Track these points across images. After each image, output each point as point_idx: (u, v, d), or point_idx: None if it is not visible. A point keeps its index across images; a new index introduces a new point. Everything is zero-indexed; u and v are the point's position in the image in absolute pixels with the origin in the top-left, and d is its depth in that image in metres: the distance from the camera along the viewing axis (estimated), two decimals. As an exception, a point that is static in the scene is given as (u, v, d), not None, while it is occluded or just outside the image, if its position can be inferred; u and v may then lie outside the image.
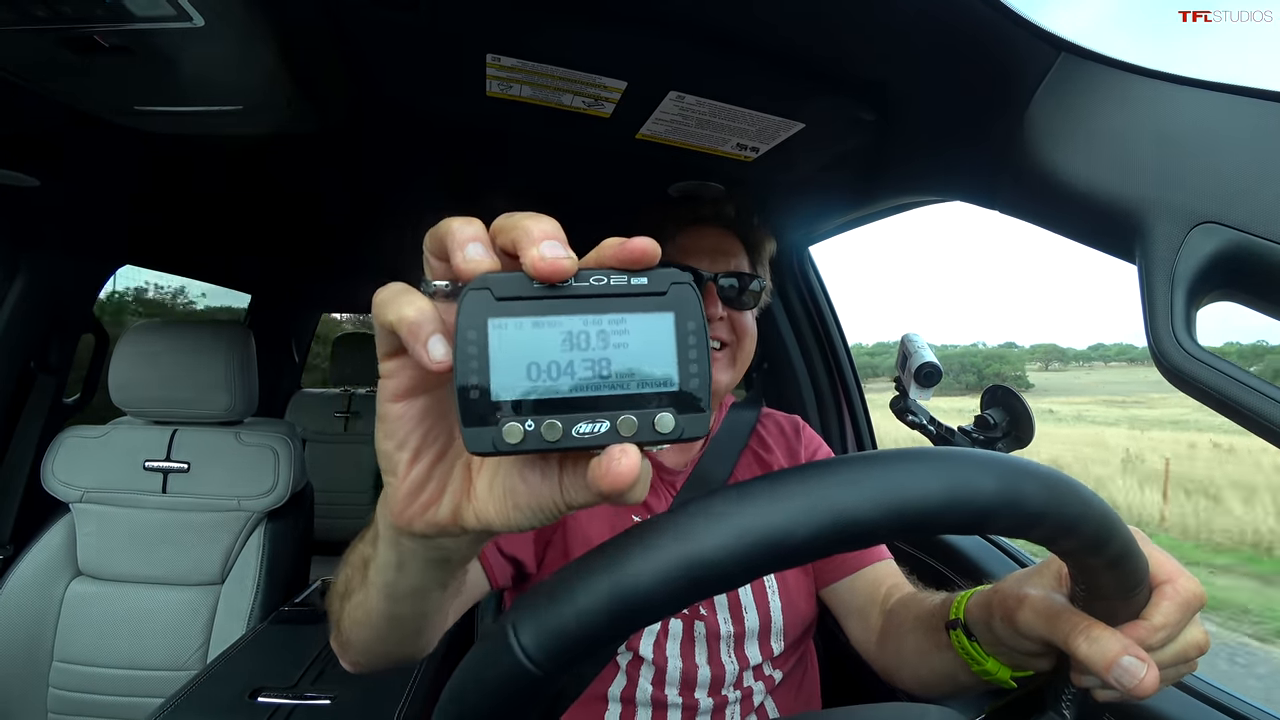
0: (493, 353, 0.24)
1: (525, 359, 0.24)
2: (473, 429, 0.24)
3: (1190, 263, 0.38)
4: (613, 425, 0.25)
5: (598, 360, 0.25)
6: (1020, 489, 0.28)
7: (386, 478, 0.30)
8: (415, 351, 0.24)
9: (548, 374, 0.25)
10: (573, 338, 0.25)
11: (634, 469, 0.24)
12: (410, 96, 0.68)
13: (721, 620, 0.73)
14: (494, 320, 0.24)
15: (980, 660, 0.50)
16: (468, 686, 0.29)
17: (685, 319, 0.26)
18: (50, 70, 0.60)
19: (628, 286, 0.25)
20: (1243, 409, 0.36)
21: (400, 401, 0.28)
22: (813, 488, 0.27)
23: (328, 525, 1.76)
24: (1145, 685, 0.35)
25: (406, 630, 0.44)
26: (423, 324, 0.24)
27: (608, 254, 0.25)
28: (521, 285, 0.24)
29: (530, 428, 0.24)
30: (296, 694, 0.96)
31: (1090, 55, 0.44)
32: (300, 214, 1.24)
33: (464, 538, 0.31)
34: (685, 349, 0.26)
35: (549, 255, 0.24)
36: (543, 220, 0.25)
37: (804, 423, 0.92)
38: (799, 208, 1.02)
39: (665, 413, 0.25)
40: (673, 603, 0.27)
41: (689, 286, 0.26)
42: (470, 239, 0.25)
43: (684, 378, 0.25)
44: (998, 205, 0.58)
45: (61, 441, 1.37)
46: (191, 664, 1.27)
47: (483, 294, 0.24)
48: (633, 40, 0.55)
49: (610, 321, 0.25)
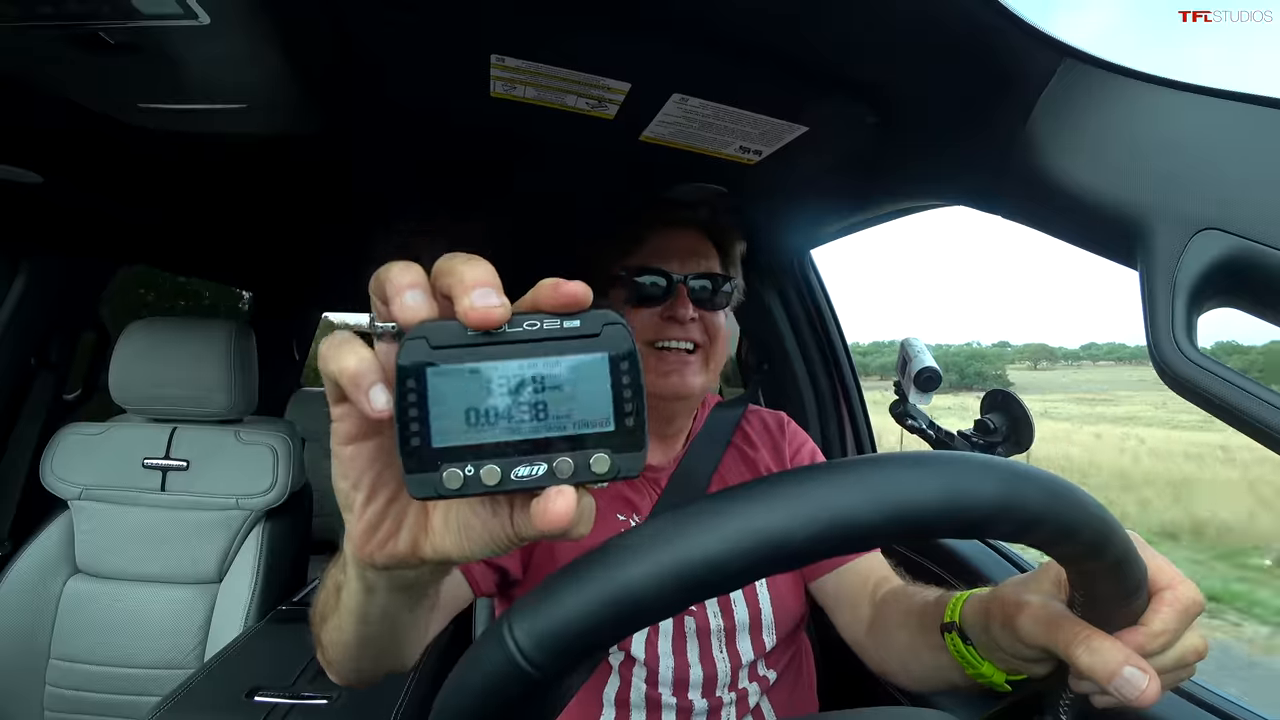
0: (431, 401, 0.25)
1: (463, 405, 0.25)
2: (414, 475, 0.25)
3: (1192, 269, 0.38)
4: (549, 468, 0.26)
5: (534, 404, 0.26)
6: (1020, 494, 0.28)
7: (345, 515, 0.31)
8: (357, 400, 0.25)
9: (486, 419, 0.25)
10: (508, 382, 0.25)
11: (569, 510, 0.25)
12: (414, 97, 0.68)
13: (711, 615, 0.74)
14: (431, 369, 0.25)
15: (975, 664, 0.50)
16: (464, 686, 0.29)
17: (619, 360, 0.26)
18: (55, 67, 0.60)
19: (560, 330, 0.26)
20: (1244, 415, 0.36)
21: (350, 444, 0.29)
22: (813, 491, 0.27)
23: (327, 525, 1.76)
24: (1147, 696, 0.35)
25: (383, 648, 0.45)
26: (363, 374, 0.25)
27: (543, 296, 0.26)
28: (457, 334, 0.25)
29: (470, 473, 0.25)
30: (294, 693, 0.96)
31: (1093, 61, 0.44)
32: (302, 213, 1.24)
33: (424, 567, 0.32)
34: (620, 389, 0.26)
35: (479, 305, 0.25)
36: (477, 266, 0.26)
37: (789, 419, 0.92)
38: (801, 211, 1.02)
39: (601, 453, 0.26)
40: (670, 604, 0.27)
41: (622, 326, 0.26)
42: (408, 286, 0.25)
43: (619, 417, 0.26)
44: (1000, 210, 0.58)
45: (61, 438, 1.37)
46: (189, 662, 1.27)
47: (419, 343, 0.25)
48: (637, 42, 0.55)
49: (545, 365, 0.26)
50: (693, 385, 0.77)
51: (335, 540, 0.36)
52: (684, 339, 0.77)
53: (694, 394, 0.79)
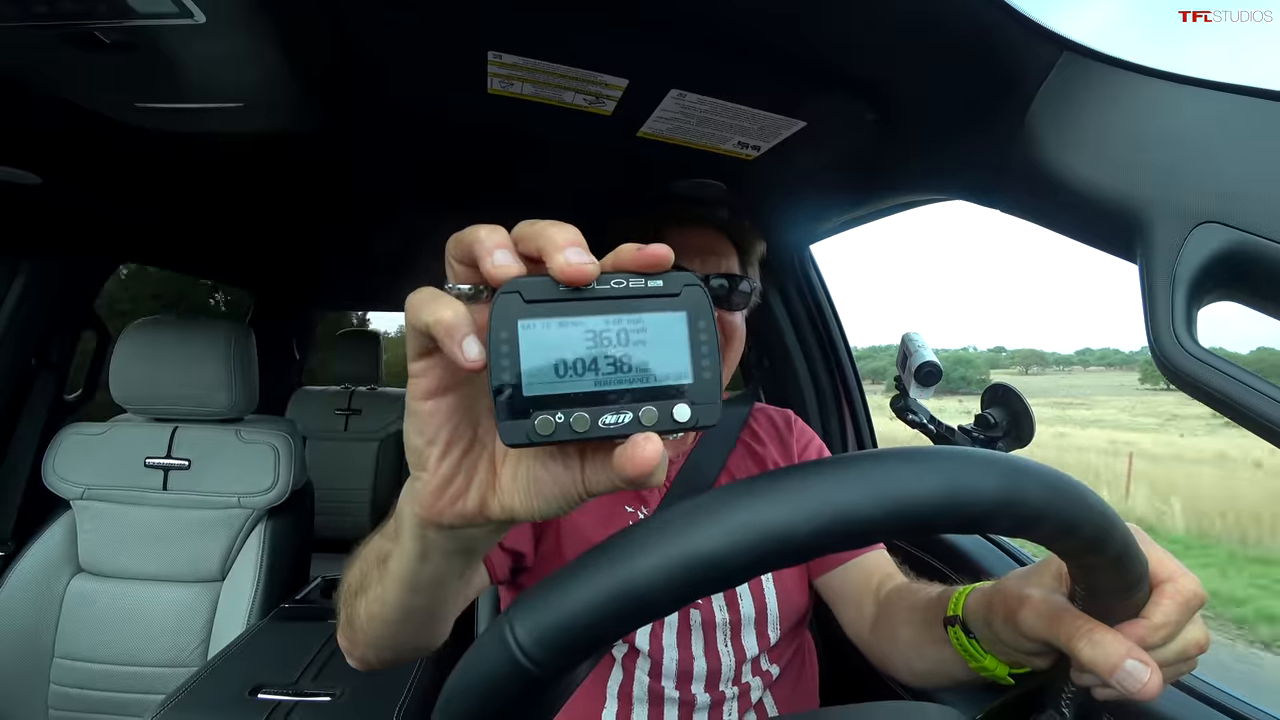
0: (523, 351, 0.26)
1: (553, 356, 0.26)
2: (508, 423, 0.26)
3: (1191, 262, 0.38)
4: (635, 416, 0.27)
5: (619, 357, 0.27)
6: (1021, 488, 0.28)
7: (416, 472, 0.31)
8: (451, 351, 0.26)
9: (574, 370, 0.26)
10: (596, 336, 0.27)
11: (657, 454, 0.26)
12: (411, 94, 0.68)
13: (716, 609, 0.74)
14: (523, 321, 0.26)
15: (978, 657, 0.50)
16: (466, 684, 0.29)
17: (697, 318, 0.28)
18: (52, 67, 0.60)
19: (645, 289, 0.27)
20: (1244, 409, 0.36)
21: (430, 400, 0.29)
22: (815, 485, 0.27)
23: (328, 523, 1.76)
24: (1149, 689, 0.35)
25: (422, 620, 0.45)
26: (458, 325, 0.25)
27: (625, 258, 0.27)
28: (548, 289, 0.26)
29: (560, 420, 0.26)
30: (297, 691, 0.97)
31: (1093, 54, 0.44)
32: (301, 212, 1.24)
33: (487, 527, 0.32)
34: (698, 345, 0.28)
35: (574, 260, 0.26)
36: (566, 229, 0.27)
37: (796, 416, 0.92)
38: (800, 206, 1.02)
39: (681, 403, 0.27)
40: (671, 600, 0.27)
41: (700, 289, 0.28)
42: (497, 245, 0.27)
43: (697, 371, 0.28)
44: (999, 204, 0.58)
45: (62, 438, 1.37)
46: (192, 661, 1.28)
47: (513, 297, 0.26)
48: (634, 38, 0.55)
49: (629, 321, 0.27)
50: None
51: (337, 538, 0.36)
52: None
53: None
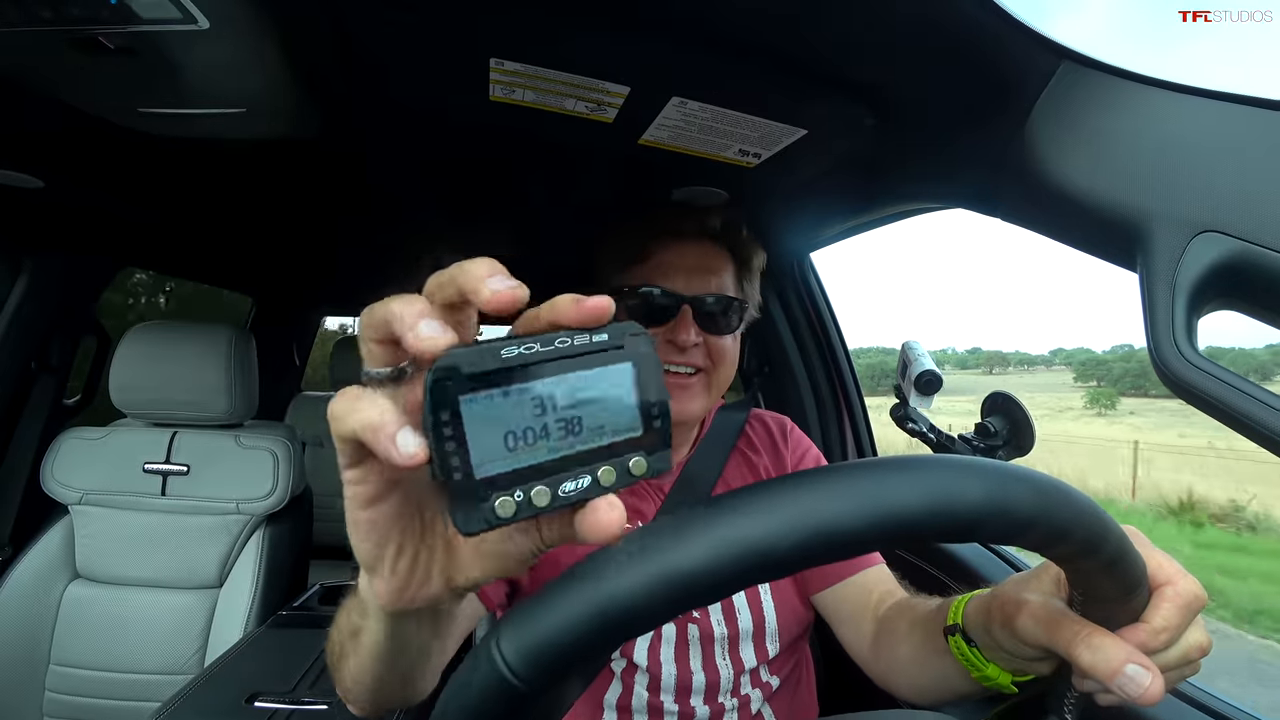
0: (469, 431, 0.24)
1: (502, 430, 0.25)
2: (463, 511, 0.24)
3: (1191, 271, 0.38)
4: (594, 478, 0.26)
5: (569, 420, 0.26)
6: (1008, 495, 0.28)
7: (371, 576, 0.29)
8: (386, 452, 0.23)
9: (524, 440, 0.25)
10: (543, 402, 0.25)
11: (621, 518, 0.26)
12: (413, 100, 0.69)
13: (715, 623, 0.73)
14: (464, 398, 0.24)
15: (980, 666, 0.49)
16: (456, 703, 0.29)
17: (642, 368, 0.27)
18: (55, 71, 0.60)
19: (589, 344, 0.26)
20: (1243, 417, 0.35)
21: (371, 507, 0.27)
22: (796, 499, 0.27)
23: (327, 529, 1.75)
24: (1151, 694, 0.34)
25: (410, 676, 0.45)
26: (387, 421, 0.23)
27: (563, 311, 0.26)
28: (485, 357, 0.24)
29: (520, 498, 0.25)
30: (294, 699, 0.96)
31: (1092, 63, 0.44)
32: (303, 217, 1.24)
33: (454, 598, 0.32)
34: (645, 394, 0.27)
35: (501, 288, 0.24)
36: (480, 261, 0.25)
37: (792, 424, 0.91)
38: (800, 214, 1.02)
39: (636, 456, 0.27)
40: (654, 615, 0.27)
41: (644, 337, 0.28)
42: (419, 316, 0.24)
43: (647, 422, 0.27)
44: (998, 212, 0.58)
45: (61, 443, 1.37)
46: (189, 668, 1.27)
47: (449, 372, 0.24)
48: (636, 46, 0.55)
49: (575, 380, 0.26)
50: (691, 410, 0.75)
51: (335, 545, 0.36)
52: (684, 364, 0.74)
53: (692, 419, 0.77)
